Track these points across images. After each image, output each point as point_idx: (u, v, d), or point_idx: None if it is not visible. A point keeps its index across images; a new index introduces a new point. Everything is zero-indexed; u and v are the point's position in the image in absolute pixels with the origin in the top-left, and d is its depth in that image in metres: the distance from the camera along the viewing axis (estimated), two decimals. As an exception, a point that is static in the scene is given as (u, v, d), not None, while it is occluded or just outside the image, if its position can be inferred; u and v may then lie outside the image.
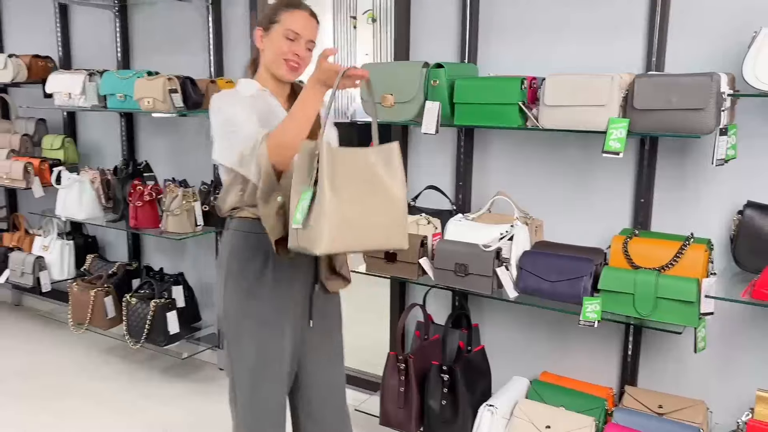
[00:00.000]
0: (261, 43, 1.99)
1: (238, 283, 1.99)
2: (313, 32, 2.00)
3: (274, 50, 1.96)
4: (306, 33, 1.97)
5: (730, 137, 2.12)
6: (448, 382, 2.56)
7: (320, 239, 1.65)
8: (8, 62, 3.91)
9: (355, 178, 1.71)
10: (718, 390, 2.49)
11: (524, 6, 2.67)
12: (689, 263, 2.23)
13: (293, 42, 1.95)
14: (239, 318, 2.00)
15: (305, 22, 1.97)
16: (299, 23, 1.96)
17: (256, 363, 2.01)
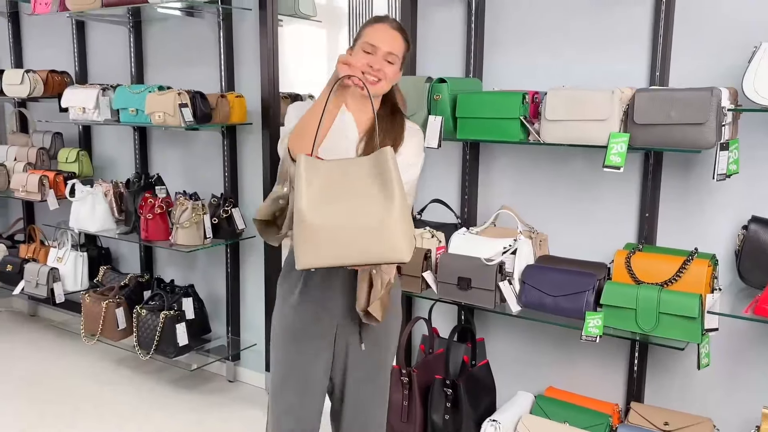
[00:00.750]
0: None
1: (279, 292, 2.09)
2: (393, 44, 1.92)
3: (352, 63, 1.87)
4: (384, 45, 1.90)
5: (732, 152, 2.11)
6: (452, 397, 2.56)
7: (298, 255, 1.64)
8: (26, 77, 3.99)
9: (339, 190, 1.65)
10: (724, 407, 2.46)
11: (529, 20, 2.68)
12: (692, 278, 2.21)
13: (370, 55, 1.90)
14: (274, 324, 2.10)
15: (383, 34, 1.92)
16: (376, 35, 1.91)
17: (282, 369, 2.06)
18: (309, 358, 2.04)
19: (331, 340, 2.04)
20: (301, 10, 3.75)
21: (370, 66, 1.88)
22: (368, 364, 2.08)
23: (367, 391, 2.11)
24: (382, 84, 1.91)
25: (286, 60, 3.54)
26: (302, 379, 2.05)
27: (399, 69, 1.96)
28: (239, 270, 3.72)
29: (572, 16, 2.59)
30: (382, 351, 2.12)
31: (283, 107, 3.57)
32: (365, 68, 1.87)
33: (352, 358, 2.06)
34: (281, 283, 2.09)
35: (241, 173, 3.63)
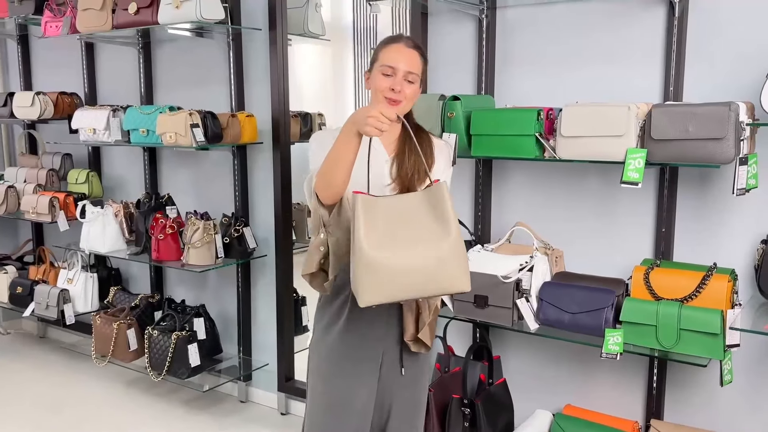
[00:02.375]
0: (368, 84, 1.94)
1: (318, 319, 2.04)
2: (411, 63, 1.90)
3: (374, 88, 1.91)
4: (402, 65, 1.88)
5: (751, 166, 2.10)
6: (470, 416, 2.53)
7: (360, 293, 1.67)
8: (36, 99, 4.01)
9: (397, 227, 1.67)
10: (747, 423, 2.43)
11: (540, 36, 2.68)
12: (712, 294, 2.19)
13: (390, 77, 1.88)
14: (314, 356, 2.04)
15: (400, 55, 1.90)
16: (394, 56, 1.89)
17: (326, 399, 2.00)
18: (355, 385, 1.98)
19: (377, 367, 1.99)
20: (310, 29, 3.76)
21: (392, 89, 1.88)
22: (410, 390, 2.06)
23: (408, 416, 2.08)
24: (404, 105, 1.91)
25: (295, 79, 3.55)
26: (349, 406, 1.99)
27: (419, 87, 1.95)
28: (250, 289, 3.71)
29: (583, 32, 2.59)
30: (424, 376, 2.11)
31: (294, 126, 3.59)
32: (387, 92, 1.88)
33: (397, 385, 2.03)
34: (322, 313, 2.03)
35: (251, 192, 3.62)
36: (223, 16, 3.25)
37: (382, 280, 1.64)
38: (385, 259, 1.64)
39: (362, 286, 1.66)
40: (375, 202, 1.70)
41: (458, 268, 1.67)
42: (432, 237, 1.67)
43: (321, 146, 1.89)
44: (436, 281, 1.67)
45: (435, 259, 1.65)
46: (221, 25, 3.32)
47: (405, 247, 1.66)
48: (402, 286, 1.66)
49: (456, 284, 1.68)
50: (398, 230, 1.67)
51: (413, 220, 1.69)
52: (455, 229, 1.67)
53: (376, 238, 1.65)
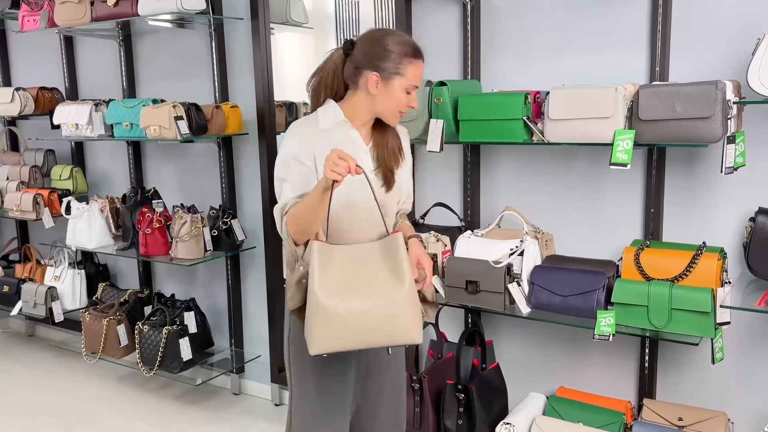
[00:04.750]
0: (375, 89, 1.86)
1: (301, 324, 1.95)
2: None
3: (393, 102, 1.87)
4: (420, 82, 1.92)
5: (738, 145, 2.10)
6: (464, 401, 2.54)
7: (311, 341, 1.68)
8: (16, 95, 3.95)
9: (353, 275, 1.69)
10: (739, 401, 2.46)
11: (526, 20, 2.67)
12: (703, 273, 2.21)
13: (410, 95, 1.89)
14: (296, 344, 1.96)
15: (421, 72, 1.90)
16: (419, 75, 1.89)
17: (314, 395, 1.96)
18: (344, 381, 1.97)
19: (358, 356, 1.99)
20: (293, 17, 3.73)
21: (411, 106, 1.91)
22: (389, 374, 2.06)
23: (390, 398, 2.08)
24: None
25: (279, 68, 3.52)
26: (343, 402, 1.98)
27: None
28: (240, 281, 3.69)
29: (568, 14, 2.58)
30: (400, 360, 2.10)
31: (279, 115, 3.56)
32: (403, 108, 1.89)
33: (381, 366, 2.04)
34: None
35: (238, 184, 3.60)
36: (204, 7, 3.21)
37: (334, 329, 1.65)
38: (338, 308, 1.65)
39: (314, 334, 1.66)
40: (331, 251, 1.71)
41: (410, 321, 1.68)
42: (386, 288, 1.68)
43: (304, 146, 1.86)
44: (386, 333, 1.68)
45: (387, 311, 1.66)
46: (202, 15, 3.28)
47: (358, 297, 1.66)
48: (353, 337, 1.67)
49: (407, 336, 1.69)
50: (353, 279, 1.68)
51: (368, 270, 1.70)
52: (409, 281, 1.68)
53: (330, 287, 1.66)
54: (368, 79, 1.85)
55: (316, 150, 1.86)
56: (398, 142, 2.01)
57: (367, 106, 1.90)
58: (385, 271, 1.70)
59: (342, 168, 1.66)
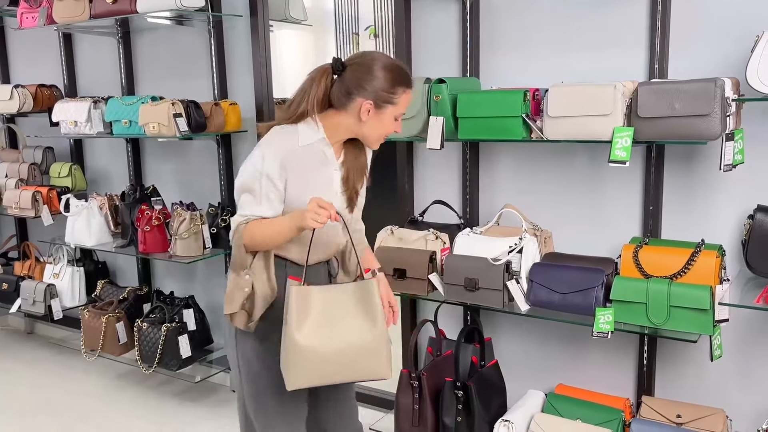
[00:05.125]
0: (367, 116, 1.87)
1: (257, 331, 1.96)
2: None
3: (381, 128, 1.91)
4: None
5: (737, 142, 2.10)
6: (463, 399, 2.54)
7: (288, 377, 1.78)
8: (14, 93, 3.94)
9: (328, 317, 1.78)
10: (738, 398, 2.46)
11: (525, 18, 2.67)
12: (701, 270, 2.21)
13: (397, 121, 1.94)
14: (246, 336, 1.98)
15: (411, 98, 1.96)
16: (407, 104, 1.94)
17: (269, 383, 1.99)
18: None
19: None
20: (292, 14, 3.73)
21: (396, 131, 1.96)
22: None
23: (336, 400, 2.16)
24: None
25: (278, 65, 3.52)
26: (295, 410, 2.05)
27: None
28: (239, 279, 3.68)
29: (568, 11, 2.58)
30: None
31: (278, 112, 3.55)
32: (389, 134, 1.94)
33: None
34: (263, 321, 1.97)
35: (237, 181, 3.59)
36: (203, 4, 3.21)
37: (311, 367, 1.76)
38: (314, 348, 1.75)
39: (291, 371, 1.77)
40: (308, 293, 1.79)
41: (380, 359, 1.80)
42: (359, 330, 1.79)
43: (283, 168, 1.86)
44: (358, 370, 1.80)
45: (360, 351, 1.78)
46: (201, 12, 3.28)
47: (333, 339, 1.77)
48: (327, 373, 1.79)
49: (377, 374, 1.81)
50: (328, 322, 1.78)
51: (343, 311, 1.80)
52: (381, 322, 1.79)
53: (307, 328, 1.76)
54: (361, 106, 1.86)
55: (291, 168, 1.88)
56: (366, 160, 2.05)
57: (353, 129, 1.92)
58: (359, 313, 1.80)
59: (323, 217, 1.74)
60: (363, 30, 8.21)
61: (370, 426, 2.99)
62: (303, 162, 1.89)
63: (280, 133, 1.91)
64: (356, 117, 1.88)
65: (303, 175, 1.89)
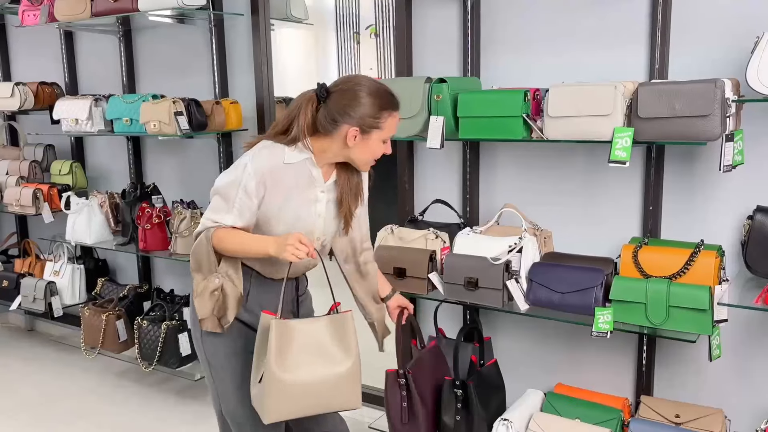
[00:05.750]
0: (353, 141, 1.89)
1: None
2: None
3: (369, 153, 1.93)
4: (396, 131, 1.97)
5: (737, 143, 2.11)
6: (462, 398, 2.54)
7: (265, 411, 1.83)
8: (15, 90, 3.94)
9: (304, 351, 1.83)
10: (736, 398, 2.46)
11: (525, 17, 2.67)
12: (700, 270, 2.21)
13: (385, 145, 1.95)
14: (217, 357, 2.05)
15: (398, 121, 1.96)
16: (396, 125, 1.95)
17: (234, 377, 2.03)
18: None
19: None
20: (293, 13, 3.73)
21: (385, 153, 1.97)
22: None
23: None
24: None
25: (279, 64, 3.52)
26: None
27: None
28: (239, 277, 3.69)
29: (568, 11, 2.58)
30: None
31: (278, 111, 3.56)
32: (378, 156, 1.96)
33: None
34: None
35: (238, 180, 3.60)
36: (205, 2, 3.22)
37: (289, 401, 1.82)
38: (294, 383, 1.82)
39: (270, 404, 1.82)
40: (286, 328, 1.83)
41: (352, 392, 1.88)
42: (334, 363, 1.85)
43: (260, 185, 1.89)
44: (331, 402, 1.88)
45: (335, 383, 1.85)
46: (203, 11, 3.28)
47: (310, 371, 1.83)
48: (303, 406, 1.85)
49: (348, 405, 1.89)
50: (305, 354, 1.84)
51: (319, 345, 1.86)
52: (355, 355, 1.87)
53: (285, 362, 1.81)
54: (347, 133, 1.88)
55: (272, 184, 1.90)
56: (361, 182, 2.07)
57: (341, 154, 1.95)
58: (333, 345, 1.86)
59: (302, 253, 1.78)
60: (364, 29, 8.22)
61: (369, 425, 3.01)
62: (285, 179, 1.91)
63: (268, 147, 1.93)
64: (343, 142, 1.90)
65: (284, 191, 1.92)
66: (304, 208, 1.96)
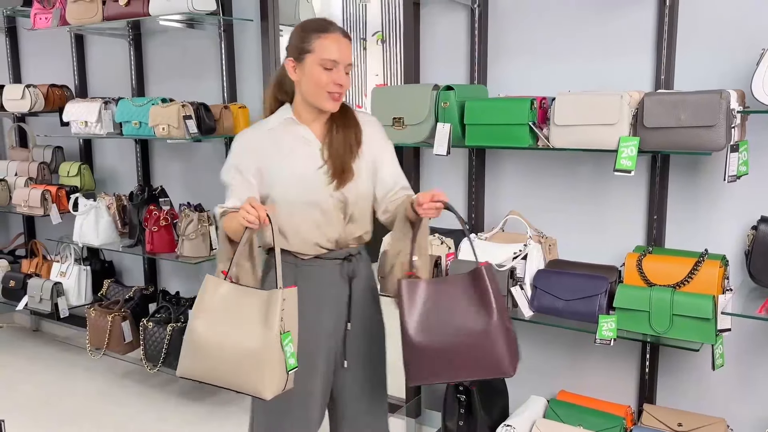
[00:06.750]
0: (295, 74, 1.87)
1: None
2: (349, 54, 1.88)
3: (313, 82, 1.85)
4: (343, 57, 1.85)
5: (741, 153, 2.12)
6: (465, 403, 2.56)
7: (180, 363, 1.82)
8: (26, 92, 3.98)
9: (228, 313, 1.76)
10: (739, 407, 2.47)
11: (532, 26, 2.70)
12: (704, 279, 2.23)
13: (332, 71, 1.83)
14: None
15: (339, 46, 1.84)
16: (334, 49, 1.83)
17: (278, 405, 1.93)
18: (310, 388, 1.98)
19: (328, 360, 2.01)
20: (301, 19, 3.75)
21: (338, 84, 1.86)
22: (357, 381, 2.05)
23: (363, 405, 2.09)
24: (342, 97, 1.91)
25: (287, 70, 3.55)
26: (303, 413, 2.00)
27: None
28: (245, 280, 3.71)
29: (575, 21, 2.61)
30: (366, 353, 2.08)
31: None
32: (331, 87, 1.85)
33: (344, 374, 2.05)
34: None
35: (245, 184, 3.62)
36: (215, 8, 3.25)
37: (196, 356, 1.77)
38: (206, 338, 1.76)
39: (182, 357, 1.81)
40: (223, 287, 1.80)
41: (257, 374, 1.72)
42: (251, 335, 1.73)
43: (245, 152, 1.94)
44: (241, 376, 1.74)
45: (251, 356, 1.72)
46: (212, 16, 3.32)
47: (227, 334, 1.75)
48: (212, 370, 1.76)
49: (251, 386, 1.74)
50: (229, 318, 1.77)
51: (244, 315, 1.76)
52: (271, 337, 1.72)
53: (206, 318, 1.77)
54: (287, 67, 1.89)
55: (261, 155, 1.91)
56: (356, 133, 1.96)
57: (300, 97, 1.92)
58: (255, 320, 1.75)
59: (252, 217, 1.72)
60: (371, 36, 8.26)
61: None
62: (272, 145, 1.91)
63: (247, 129, 2.01)
64: (295, 83, 1.90)
65: (278, 158, 1.91)
66: (301, 169, 1.91)
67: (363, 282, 2.05)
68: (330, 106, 1.90)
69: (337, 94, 1.87)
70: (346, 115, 1.97)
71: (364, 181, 1.96)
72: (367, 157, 1.98)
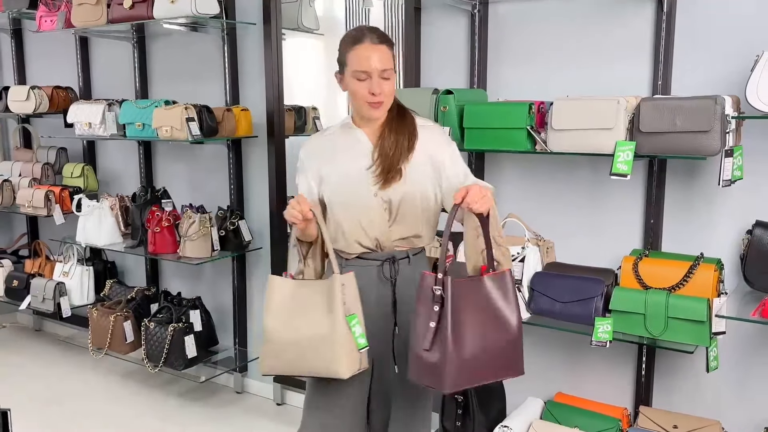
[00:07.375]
0: (344, 87, 1.95)
1: None
2: (384, 59, 1.87)
3: (352, 94, 1.92)
4: (376, 65, 1.85)
5: (736, 158, 2.15)
6: (462, 404, 2.58)
7: (260, 362, 1.92)
8: (31, 93, 4.02)
9: (296, 308, 1.88)
10: (733, 409, 2.49)
11: (532, 32, 2.73)
12: (699, 283, 2.25)
13: (365, 81, 1.87)
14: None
15: (370, 54, 1.86)
16: (364, 59, 1.86)
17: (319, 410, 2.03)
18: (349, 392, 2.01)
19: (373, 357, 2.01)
20: (304, 23, 3.78)
21: (372, 93, 1.88)
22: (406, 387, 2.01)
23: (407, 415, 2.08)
24: (386, 104, 1.92)
25: (289, 73, 3.58)
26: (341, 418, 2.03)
27: (395, 76, 1.94)
28: (246, 281, 3.74)
29: (574, 26, 2.63)
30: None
31: (288, 120, 3.62)
32: (368, 98, 1.89)
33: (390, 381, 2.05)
34: None
35: (246, 185, 3.66)
36: (218, 11, 3.28)
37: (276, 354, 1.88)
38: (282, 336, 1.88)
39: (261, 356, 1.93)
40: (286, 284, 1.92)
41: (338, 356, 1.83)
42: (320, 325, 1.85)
43: (309, 157, 2.05)
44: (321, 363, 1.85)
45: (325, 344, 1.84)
46: (216, 19, 3.35)
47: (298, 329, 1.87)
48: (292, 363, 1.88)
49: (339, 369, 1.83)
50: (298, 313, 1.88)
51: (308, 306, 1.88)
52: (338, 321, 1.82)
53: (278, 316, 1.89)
54: (337, 80, 1.98)
55: (321, 159, 2.01)
56: (410, 137, 1.96)
57: (356, 109, 1.99)
58: (321, 309, 1.85)
59: (294, 212, 1.83)
60: (373, 39, 8.28)
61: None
62: (330, 148, 2.01)
63: (315, 134, 2.12)
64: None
65: (335, 161, 1.99)
66: (355, 170, 1.96)
67: (412, 286, 1.94)
68: (373, 113, 1.93)
69: (377, 103, 1.90)
70: (403, 119, 1.99)
71: (414, 184, 1.96)
72: (421, 160, 1.97)
